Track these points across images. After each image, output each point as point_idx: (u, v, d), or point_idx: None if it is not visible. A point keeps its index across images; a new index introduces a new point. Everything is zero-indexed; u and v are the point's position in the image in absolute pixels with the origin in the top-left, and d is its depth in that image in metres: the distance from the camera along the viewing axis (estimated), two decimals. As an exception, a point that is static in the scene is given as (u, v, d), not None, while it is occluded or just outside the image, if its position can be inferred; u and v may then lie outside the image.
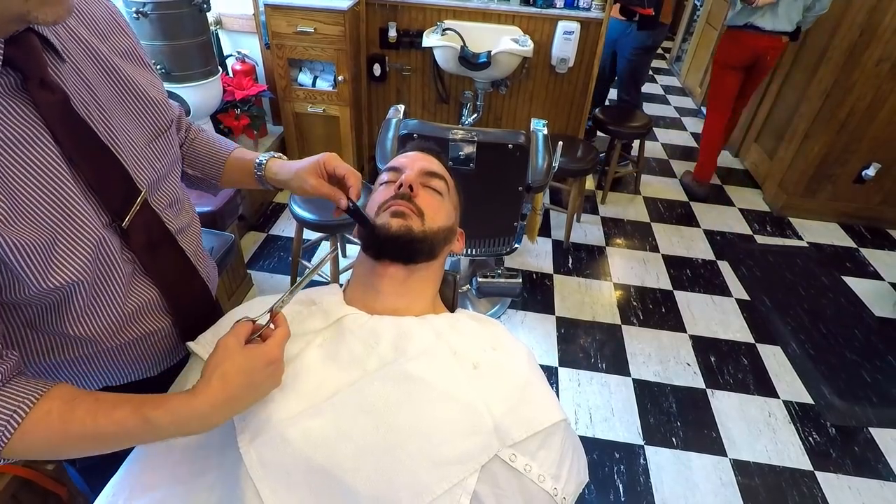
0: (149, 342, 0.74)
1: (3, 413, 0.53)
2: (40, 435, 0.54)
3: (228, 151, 0.90)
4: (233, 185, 0.92)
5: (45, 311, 0.61)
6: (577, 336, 2.22)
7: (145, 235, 0.68)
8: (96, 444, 0.57)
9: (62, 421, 0.55)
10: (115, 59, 0.67)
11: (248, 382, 0.59)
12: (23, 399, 0.54)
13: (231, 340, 0.60)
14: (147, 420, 0.56)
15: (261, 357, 0.60)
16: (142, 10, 1.85)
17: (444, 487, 0.59)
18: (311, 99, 2.73)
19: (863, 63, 2.60)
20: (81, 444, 0.57)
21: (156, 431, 0.57)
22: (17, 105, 0.54)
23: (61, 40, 0.60)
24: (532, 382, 0.71)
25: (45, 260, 0.55)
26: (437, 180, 0.85)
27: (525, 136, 1.60)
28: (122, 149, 0.64)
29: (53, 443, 0.56)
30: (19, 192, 0.53)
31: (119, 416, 0.56)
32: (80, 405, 0.56)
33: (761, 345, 2.23)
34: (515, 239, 1.88)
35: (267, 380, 0.62)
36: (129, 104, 0.68)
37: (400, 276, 0.78)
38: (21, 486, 1.14)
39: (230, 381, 0.58)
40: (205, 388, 0.57)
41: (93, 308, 0.64)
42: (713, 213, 3.13)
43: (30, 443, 0.54)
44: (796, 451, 1.82)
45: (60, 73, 0.58)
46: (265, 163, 0.85)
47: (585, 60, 2.73)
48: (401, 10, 2.72)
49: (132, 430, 0.56)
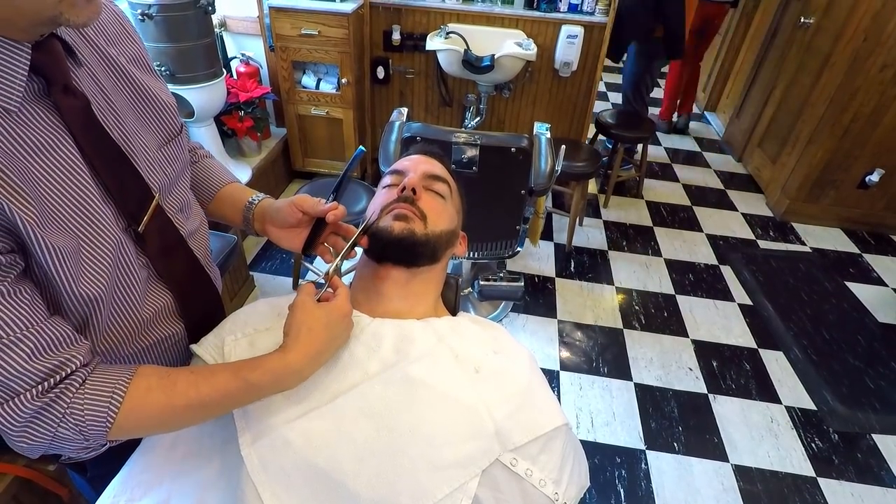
0: (162, 348, 0.74)
1: (102, 395, 0.55)
2: (147, 411, 0.58)
3: (225, 182, 0.90)
4: (217, 214, 0.89)
5: (70, 324, 0.60)
6: (579, 340, 2.21)
7: (159, 240, 0.68)
8: (202, 411, 0.61)
9: (166, 395, 0.58)
10: (125, 64, 0.67)
11: (331, 335, 0.65)
12: (117, 380, 0.57)
13: (308, 300, 0.65)
14: (248, 383, 0.60)
15: (337, 311, 0.66)
16: (147, 13, 1.85)
17: (445, 491, 0.59)
18: (314, 101, 2.74)
19: (867, 69, 2.60)
20: (187, 413, 0.60)
21: (256, 392, 0.62)
22: (42, 111, 0.54)
23: (77, 45, 0.60)
24: (533, 386, 0.71)
25: (75, 265, 0.55)
26: (439, 183, 0.85)
27: (528, 140, 1.60)
28: (136, 153, 0.65)
29: (160, 417, 0.59)
30: (46, 198, 0.53)
31: (220, 382, 0.60)
32: (179, 378, 0.60)
33: (764, 350, 2.23)
34: (518, 242, 1.88)
35: (344, 331, 0.67)
36: (140, 109, 0.68)
37: (402, 279, 0.78)
38: (22, 487, 1.14)
39: (317, 335, 0.63)
40: (295, 345, 0.62)
41: (114, 317, 0.64)
42: (716, 217, 3.13)
43: (137, 420, 0.57)
44: (799, 456, 1.81)
45: (78, 78, 0.59)
46: (258, 202, 0.84)
47: (589, 64, 2.73)
48: (405, 13, 2.73)
49: (234, 393, 0.60)
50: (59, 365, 0.53)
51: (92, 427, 0.54)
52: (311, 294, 0.66)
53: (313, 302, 0.65)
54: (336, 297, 0.67)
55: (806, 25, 3.11)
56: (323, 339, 0.64)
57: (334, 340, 0.66)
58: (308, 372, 0.64)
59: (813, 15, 3.07)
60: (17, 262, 0.51)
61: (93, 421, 0.54)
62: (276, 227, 0.80)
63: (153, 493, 0.66)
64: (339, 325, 0.66)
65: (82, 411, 0.54)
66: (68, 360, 0.54)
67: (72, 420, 0.53)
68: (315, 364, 0.64)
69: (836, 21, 2.83)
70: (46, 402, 0.52)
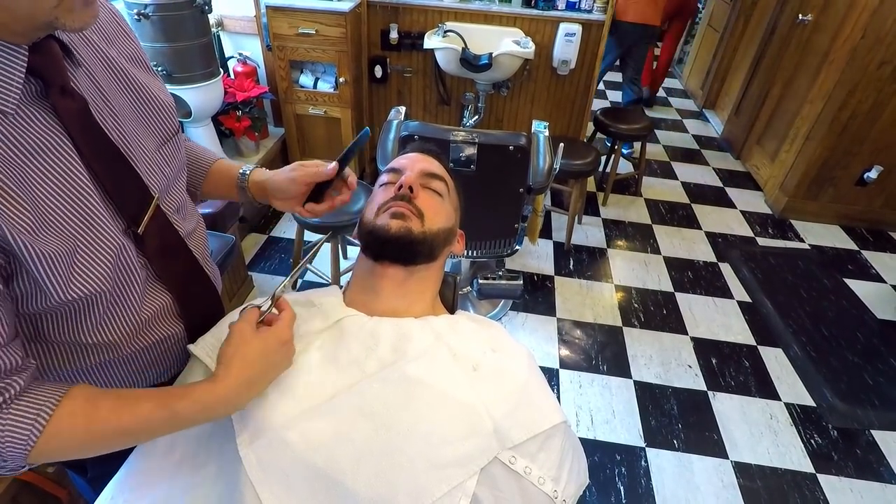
0: (162, 348, 0.74)
1: (27, 418, 0.52)
2: (66, 436, 0.55)
3: (212, 160, 0.90)
4: (213, 194, 0.91)
5: (64, 319, 0.61)
6: (578, 338, 2.21)
7: (158, 240, 0.68)
8: (123, 439, 0.59)
9: (87, 420, 0.56)
10: (124, 64, 0.67)
11: (266, 363, 0.62)
12: (44, 403, 0.54)
13: (245, 326, 0.63)
14: (174, 413, 0.58)
15: (274, 338, 0.63)
16: (143, 12, 1.85)
17: (444, 490, 0.59)
18: (312, 100, 2.74)
19: (865, 65, 2.60)
20: (107, 441, 0.58)
21: (182, 422, 0.60)
22: (40, 112, 0.54)
23: (75, 46, 0.60)
24: (532, 384, 0.71)
25: (67, 269, 0.55)
26: (437, 181, 0.85)
27: (526, 138, 1.59)
28: (135, 154, 0.64)
29: (80, 443, 0.57)
30: (42, 201, 0.53)
31: (144, 411, 0.57)
32: (103, 403, 0.57)
33: (763, 347, 2.23)
34: (516, 241, 1.87)
35: (282, 360, 0.65)
36: (139, 109, 0.68)
37: (399, 278, 0.78)
38: (21, 489, 1.14)
39: (249, 363, 0.61)
40: (226, 374, 0.60)
41: (110, 316, 0.64)
42: (715, 215, 3.13)
43: (56, 445, 0.54)
44: (798, 453, 1.81)
45: (76, 79, 0.58)
46: (249, 172, 0.86)
47: (587, 62, 2.73)
48: (402, 11, 2.72)
49: (158, 423, 0.58)
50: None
51: (10, 450, 0.52)
52: (251, 322, 0.64)
53: (251, 330, 0.63)
54: (279, 320, 0.65)
55: (804, 22, 3.11)
56: (256, 367, 0.61)
57: (270, 367, 0.63)
58: (240, 401, 0.62)
59: (811, 12, 3.07)
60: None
61: (12, 443, 0.52)
62: (280, 200, 0.83)
63: (151, 493, 0.66)
64: (277, 354, 0.63)
65: (2, 433, 0.51)
66: (7, 387, 0.52)
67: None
68: (247, 393, 0.62)
69: (834, 18, 2.83)
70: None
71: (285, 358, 0.65)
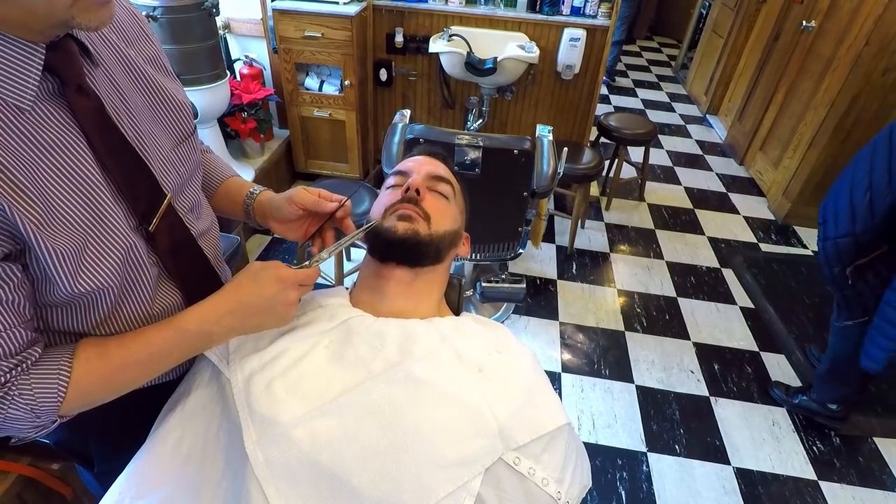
0: None
1: (50, 373, 0.57)
2: (88, 381, 0.60)
3: (226, 176, 0.91)
4: (218, 208, 0.90)
5: (73, 311, 0.62)
6: (581, 342, 2.21)
7: (169, 239, 0.69)
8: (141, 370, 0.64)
9: (103, 361, 0.61)
10: (143, 65, 0.67)
11: (257, 292, 0.65)
12: (60, 358, 0.59)
13: (255, 262, 0.68)
14: (178, 328, 0.63)
15: (272, 271, 0.66)
16: (152, 14, 1.86)
17: (449, 490, 0.60)
18: (317, 103, 2.75)
19: (869, 73, 2.60)
20: (127, 375, 0.63)
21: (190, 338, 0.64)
22: (55, 110, 0.55)
23: (94, 45, 0.60)
24: (536, 386, 0.71)
25: (75, 264, 0.56)
26: (443, 184, 0.86)
27: (530, 142, 1.60)
28: (150, 154, 0.65)
29: (103, 385, 0.62)
30: (54, 197, 0.54)
31: (150, 336, 0.63)
32: (110, 343, 0.62)
33: (765, 353, 2.22)
34: (520, 244, 1.88)
35: (276, 296, 0.65)
36: (156, 109, 0.68)
37: (406, 279, 0.79)
38: (26, 486, 1.14)
39: (242, 287, 0.65)
40: (219, 293, 0.66)
41: (119, 311, 0.65)
42: (718, 220, 3.13)
43: (83, 390, 0.59)
44: (800, 460, 1.81)
45: (94, 78, 0.59)
46: (257, 193, 0.85)
47: (591, 67, 2.74)
48: (408, 15, 2.74)
49: (167, 343, 0.63)
50: (19, 362, 0.55)
51: (44, 404, 0.57)
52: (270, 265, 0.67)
53: (259, 264, 0.67)
54: (294, 271, 0.67)
55: (808, 29, 3.11)
56: (246, 291, 0.65)
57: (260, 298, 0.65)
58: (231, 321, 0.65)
59: (815, 19, 3.08)
60: (13, 274, 0.53)
61: (43, 398, 0.56)
62: (277, 222, 0.81)
63: (157, 490, 0.66)
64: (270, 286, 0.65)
65: (31, 391, 0.56)
66: (29, 356, 0.57)
67: (21, 401, 0.55)
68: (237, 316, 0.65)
69: (838, 25, 2.84)
70: (3, 393, 0.55)
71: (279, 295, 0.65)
